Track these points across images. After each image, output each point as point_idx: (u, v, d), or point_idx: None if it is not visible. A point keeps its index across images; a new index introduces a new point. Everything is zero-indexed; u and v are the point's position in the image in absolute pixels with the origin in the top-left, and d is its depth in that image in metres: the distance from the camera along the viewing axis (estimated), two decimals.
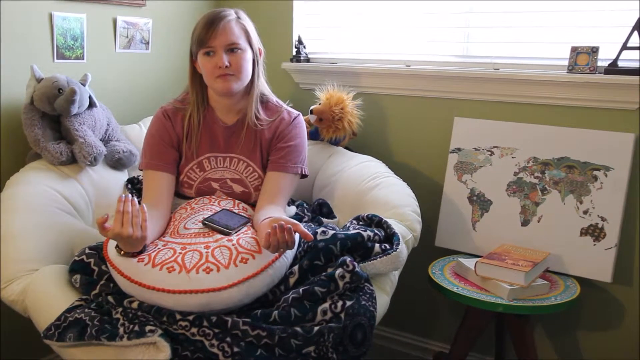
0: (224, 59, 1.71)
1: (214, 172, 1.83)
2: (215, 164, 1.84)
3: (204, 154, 1.84)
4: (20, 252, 1.66)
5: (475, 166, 2.13)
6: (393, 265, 1.64)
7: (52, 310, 1.50)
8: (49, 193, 1.84)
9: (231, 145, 1.84)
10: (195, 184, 1.84)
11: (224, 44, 1.72)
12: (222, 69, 1.72)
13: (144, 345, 1.36)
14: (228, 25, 1.73)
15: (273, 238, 1.44)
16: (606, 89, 1.92)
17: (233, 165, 1.84)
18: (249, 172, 1.84)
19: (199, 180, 1.83)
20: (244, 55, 1.75)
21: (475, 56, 2.24)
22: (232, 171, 1.84)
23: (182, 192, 1.86)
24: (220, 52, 1.72)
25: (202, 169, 1.83)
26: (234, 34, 1.73)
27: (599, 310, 2.05)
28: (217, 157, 1.84)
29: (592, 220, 1.93)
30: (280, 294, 1.52)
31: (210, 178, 1.83)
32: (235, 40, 1.73)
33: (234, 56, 1.73)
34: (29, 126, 1.93)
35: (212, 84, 1.77)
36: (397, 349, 2.48)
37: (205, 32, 1.71)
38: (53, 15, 2.06)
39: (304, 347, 1.38)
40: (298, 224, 1.47)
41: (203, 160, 1.83)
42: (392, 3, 2.34)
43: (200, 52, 1.74)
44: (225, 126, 1.84)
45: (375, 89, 2.37)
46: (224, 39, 1.72)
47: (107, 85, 2.28)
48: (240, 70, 1.75)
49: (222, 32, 1.71)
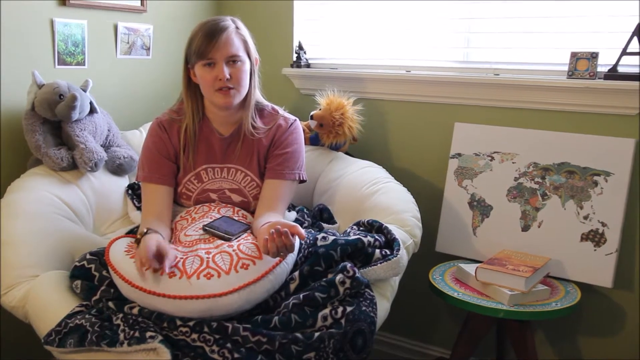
0: (225, 72, 1.70)
1: (212, 182, 1.83)
2: (213, 174, 1.83)
3: (201, 165, 1.83)
4: (20, 258, 1.66)
5: (475, 171, 2.13)
6: (393, 271, 1.63)
7: (53, 316, 1.50)
8: (49, 199, 1.84)
9: (228, 156, 1.84)
10: (193, 195, 1.83)
11: (225, 56, 1.71)
12: (222, 81, 1.71)
13: (145, 351, 1.36)
14: (229, 37, 1.72)
15: (271, 244, 1.45)
16: (606, 94, 1.92)
17: (231, 176, 1.83)
18: (247, 182, 1.83)
19: (197, 191, 1.83)
20: (244, 67, 1.75)
21: (475, 62, 2.25)
22: (230, 181, 1.83)
23: (181, 203, 1.86)
24: (221, 63, 1.71)
25: (200, 180, 1.83)
26: (234, 45, 1.72)
27: (600, 315, 2.05)
28: (214, 168, 1.83)
29: (593, 226, 1.92)
30: (280, 300, 1.52)
31: (208, 189, 1.83)
32: (235, 52, 1.72)
33: (235, 68, 1.73)
34: (29, 132, 1.93)
35: (211, 96, 1.76)
36: (398, 354, 2.47)
37: (206, 44, 1.69)
38: (54, 21, 2.07)
39: (305, 353, 1.38)
40: (295, 225, 1.47)
41: (201, 172, 1.83)
42: (392, 9, 2.34)
43: (199, 63, 1.72)
44: (221, 137, 1.83)
45: (375, 95, 2.37)
46: (225, 51, 1.70)
47: (108, 91, 2.28)
48: (240, 82, 1.74)
49: (224, 45, 1.70)
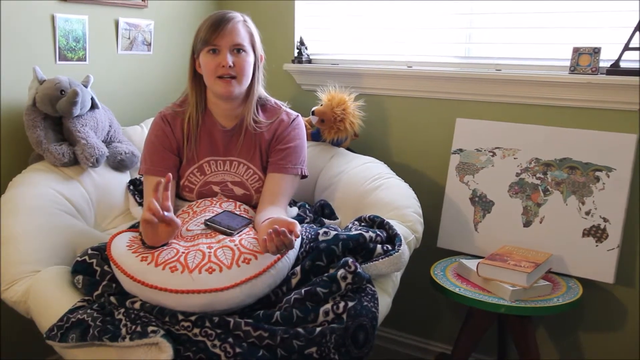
0: (228, 58, 1.72)
1: (215, 175, 1.84)
2: (215, 167, 1.84)
3: (204, 157, 1.84)
4: (22, 253, 1.66)
5: (477, 167, 2.13)
6: (395, 266, 1.63)
7: (55, 311, 1.50)
8: (51, 194, 1.84)
9: (231, 149, 1.84)
10: (196, 188, 1.84)
11: (229, 43, 1.73)
12: (225, 68, 1.72)
13: (146, 346, 1.36)
14: (235, 26, 1.74)
15: (270, 244, 1.45)
16: (608, 89, 1.92)
17: (233, 168, 1.84)
18: (249, 175, 1.84)
19: (200, 183, 1.84)
20: (247, 58, 1.77)
21: (477, 57, 2.24)
22: (233, 174, 1.84)
23: (183, 196, 1.86)
24: (225, 51, 1.73)
25: (203, 173, 1.84)
26: (240, 35, 1.75)
27: (602, 311, 2.04)
28: (217, 161, 1.84)
29: (595, 221, 1.92)
30: (282, 295, 1.52)
31: (211, 181, 1.84)
32: (241, 41, 1.75)
33: (238, 57, 1.75)
34: (31, 128, 1.93)
35: (212, 84, 1.77)
36: (399, 349, 2.48)
37: (212, 31, 1.72)
38: (55, 16, 2.07)
39: (306, 348, 1.38)
40: (293, 222, 1.47)
41: (203, 164, 1.84)
42: (394, 4, 2.34)
43: (204, 50, 1.75)
44: (224, 130, 1.84)
45: (377, 90, 2.37)
46: (230, 38, 1.73)
47: (109, 87, 2.28)
48: (242, 72, 1.76)
49: (230, 32, 1.73)
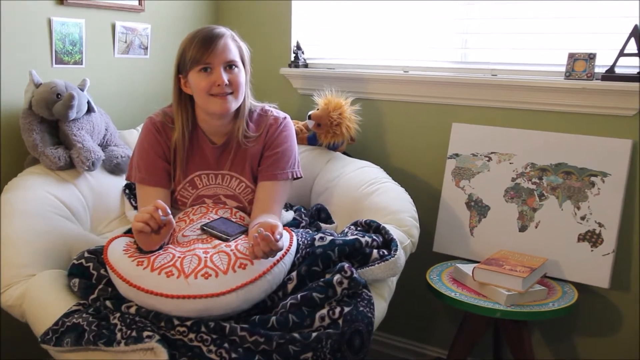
0: (223, 77, 1.68)
1: (207, 189, 1.82)
2: (207, 181, 1.82)
3: (195, 171, 1.81)
4: (17, 257, 1.65)
5: (473, 172, 2.13)
6: (391, 271, 1.63)
7: (50, 315, 1.50)
8: (47, 198, 1.84)
9: (222, 163, 1.82)
10: (189, 202, 1.82)
11: (223, 61, 1.69)
12: (220, 87, 1.68)
13: (142, 351, 1.35)
14: (227, 42, 1.70)
15: (257, 249, 1.45)
16: (603, 95, 1.92)
17: (225, 182, 1.82)
18: (241, 188, 1.82)
19: (193, 197, 1.82)
20: (240, 73, 1.73)
21: (473, 62, 2.25)
22: (225, 188, 1.82)
23: (177, 208, 1.85)
24: (219, 69, 1.68)
25: (195, 187, 1.82)
26: (232, 51, 1.71)
27: (597, 316, 2.05)
28: (208, 175, 1.82)
29: (590, 226, 1.93)
30: (278, 300, 1.52)
31: (203, 195, 1.82)
32: (233, 57, 1.71)
33: (232, 74, 1.71)
34: (27, 131, 1.93)
35: (206, 103, 1.72)
36: (395, 354, 2.48)
37: (204, 49, 1.67)
38: (52, 20, 2.07)
39: (302, 353, 1.38)
40: (275, 224, 1.47)
41: (195, 178, 1.81)
42: (390, 9, 2.34)
43: (194, 70, 1.69)
44: (214, 146, 1.81)
45: (373, 95, 2.37)
46: (223, 56, 1.68)
47: (105, 91, 2.28)
48: (238, 88, 1.72)
49: (222, 50, 1.68)
